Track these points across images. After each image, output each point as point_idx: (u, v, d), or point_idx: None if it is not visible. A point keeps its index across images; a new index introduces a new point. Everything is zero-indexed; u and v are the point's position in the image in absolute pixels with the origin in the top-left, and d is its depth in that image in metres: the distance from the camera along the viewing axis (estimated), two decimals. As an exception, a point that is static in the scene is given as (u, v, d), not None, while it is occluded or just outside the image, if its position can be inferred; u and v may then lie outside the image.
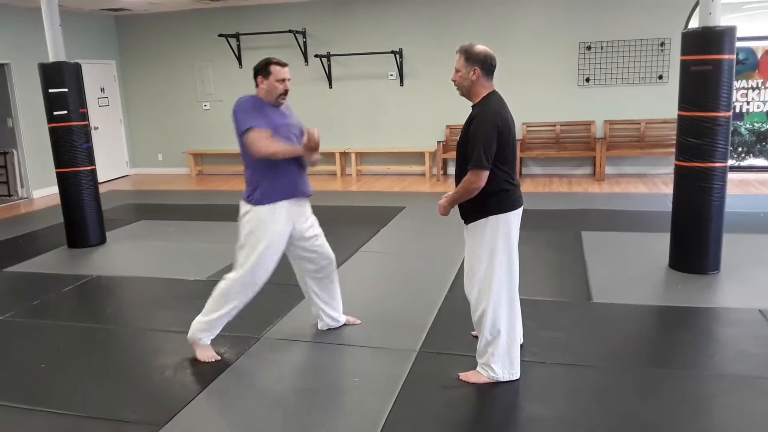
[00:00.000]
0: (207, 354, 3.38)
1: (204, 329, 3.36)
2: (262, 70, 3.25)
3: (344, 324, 3.74)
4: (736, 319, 3.76)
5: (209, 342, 3.41)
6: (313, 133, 3.11)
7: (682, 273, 4.53)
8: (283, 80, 3.23)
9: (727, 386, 3.01)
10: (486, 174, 2.75)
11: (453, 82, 2.92)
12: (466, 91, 2.89)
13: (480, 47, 2.84)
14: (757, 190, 7.51)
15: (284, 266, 5.12)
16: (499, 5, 8.82)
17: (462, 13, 8.95)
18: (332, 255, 3.54)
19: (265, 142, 3.12)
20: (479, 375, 3.05)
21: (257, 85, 3.29)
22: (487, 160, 2.73)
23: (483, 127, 2.75)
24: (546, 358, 3.32)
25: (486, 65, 2.83)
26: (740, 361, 3.24)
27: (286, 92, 3.25)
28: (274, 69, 3.22)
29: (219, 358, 3.38)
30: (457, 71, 2.88)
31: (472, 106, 2.90)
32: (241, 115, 3.19)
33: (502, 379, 2.99)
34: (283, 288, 4.52)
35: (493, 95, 2.89)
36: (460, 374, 3.08)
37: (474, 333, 3.32)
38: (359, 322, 3.79)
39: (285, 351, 3.55)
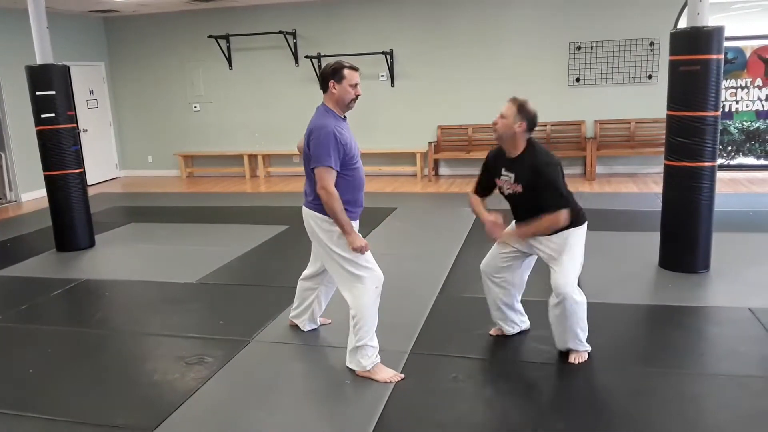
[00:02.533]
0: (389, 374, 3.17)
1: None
2: (335, 74, 3.06)
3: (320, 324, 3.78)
4: (726, 318, 3.78)
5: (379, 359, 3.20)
6: None
7: (672, 272, 4.54)
8: (356, 85, 3.08)
9: (717, 385, 3.02)
10: (568, 211, 3.10)
11: (493, 125, 3.11)
12: (506, 138, 3.10)
13: (533, 107, 3.07)
14: (746, 189, 7.56)
15: (276, 269, 5.12)
16: (490, 6, 8.83)
17: (453, 13, 8.95)
18: None
19: (333, 190, 3.00)
20: (579, 353, 3.26)
21: (327, 90, 3.10)
22: (567, 201, 3.12)
23: (555, 172, 3.07)
24: (536, 357, 3.32)
25: (532, 125, 3.07)
26: (730, 360, 3.25)
27: (357, 97, 3.12)
28: (348, 73, 3.06)
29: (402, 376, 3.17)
30: (503, 117, 3.06)
31: (514, 157, 3.13)
32: (324, 149, 3.00)
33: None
34: (273, 290, 4.51)
35: (533, 140, 3.15)
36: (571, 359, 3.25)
37: (493, 331, 3.56)
38: (330, 321, 3.81)
39: (275, 354, 3.54)
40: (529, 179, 3.07)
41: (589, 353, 3.28)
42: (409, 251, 5.42)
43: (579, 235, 3.26)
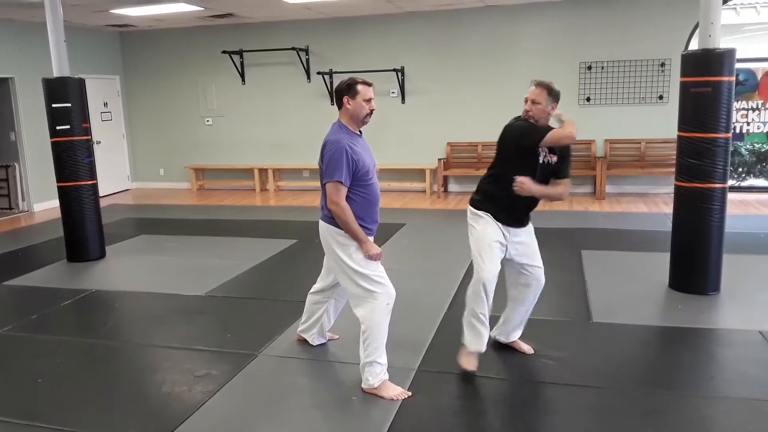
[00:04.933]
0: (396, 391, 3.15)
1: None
2: (350, 89, 3.10)
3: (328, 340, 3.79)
4: (737, 341, 3.75)
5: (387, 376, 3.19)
6: None
7: (682, 293, 4.52)
8: (370, 100, 3.11)
9: (727, 408, 2.99)
10: None
11: (526, 112, 3.25)
12: (541, 122, 3.24)
13: (557, 87, 3.27)
14: (757, 211, 7.51)
15: (284, 282, 5.13)
16: (501, 25, 8.89)
17: (464, 32, 9.02)
18: None
19: (344, 204, 3.02)
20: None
21: (342, 106, 3.14)
22: None
23: None
24: (546, 377, 3.31)
25: (558, 103, 3.26)
26: (740, 384, 3.22)
27: (371, 112, 3.15)
28: (362, 88, 3.10)
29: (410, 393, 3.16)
30: (535, 103, 3.21)
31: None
32: (335, 165, 3.01)
33: None
34: (281, 304, 4.52)
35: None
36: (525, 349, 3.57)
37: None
38: (337, 337, 3.81)
39: (283, 368, 3.53)
40: (562, 149, 3.29)
41: None
42: (417, 267, 5.42)
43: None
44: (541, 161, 3.26)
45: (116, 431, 2.90)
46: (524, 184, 3.17)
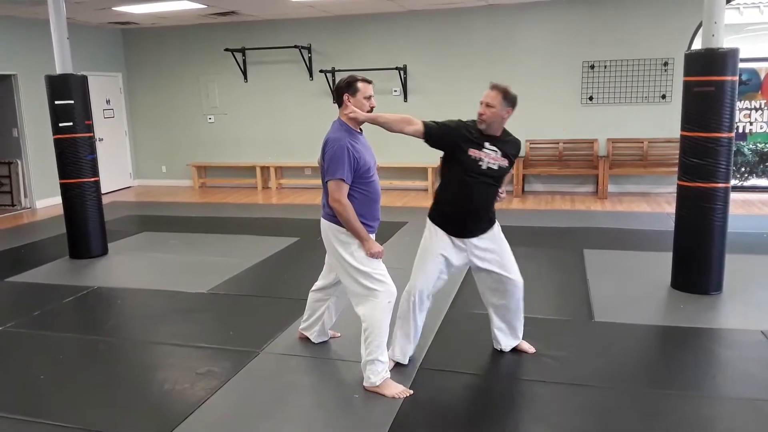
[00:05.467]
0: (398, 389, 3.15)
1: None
2: (350, 87, 3.12)
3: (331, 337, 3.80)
4: (739, 341, 3.74)
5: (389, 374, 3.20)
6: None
7: (684, 293, 4.51)
8: (370, 97, 3.14)
9: (729, 409, 2.99)
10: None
11: (480, 115, 3.15)
12: (494, 125, 3.16)
13: (514, 91, 3.15)
14: (760, 211, 7.50)
15: (286, 280, 5.14)
16: (503, 24, 8.88)
17: (466, 31, 9.01)
18: None
19: (346, 202, 3.03)
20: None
21: (342, 104, 3.15)
22: None
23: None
24: (547, 377, 3.30)
25: (514, 107, 3.17)
26: (743, 384, 3.22)
27: (371, 110, 3.16)
28: (362, 86, 3.13)
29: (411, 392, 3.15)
30: (489, 106, 3.11)
31: (497, 135, 3.22)
32: (336, 162, 3.02)
33: None
34: (283, 302, 4.52)
35: (505, 130, 3.30)
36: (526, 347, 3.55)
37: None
38: (339, 335, 3.82)
39: (285, 365, 3.54)
40: (513, 154, 3.26)
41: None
42: (419, 266, 5.41)
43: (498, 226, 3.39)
44: (484, 168, 3.15)
45: (118, 428, 2.91)
46: (354, 111, 3.09)
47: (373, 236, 3.20)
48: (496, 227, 3.35)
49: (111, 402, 3.17)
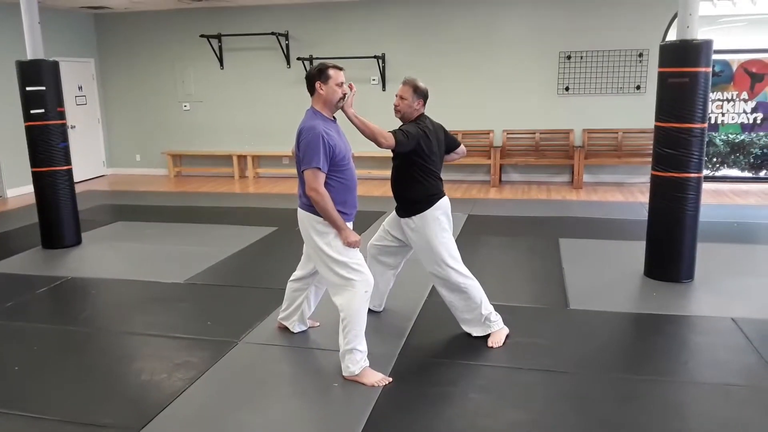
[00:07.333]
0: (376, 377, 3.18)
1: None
2: (321, 74, 3.10)
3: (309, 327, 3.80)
4: (710, 328, 3.84)
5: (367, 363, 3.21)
6: None
7: (656, 281, 4.60)
8: (342, 84, 3.11)
9: (701, 393, 3.06)
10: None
11: (395, 107, 3.48)
12: (408, 116, 3.49)
13: (423, 84, 3.49)
14: (730, 200, 7.66)
15: (264, 270, 5.11)
16: (481, 13, 8.89)
17: (445, 20, 9.01)
18: None
19: (323, 191, 3.03)
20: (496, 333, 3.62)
21: (314, 92, 3.14)
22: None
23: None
24: (523, 364, 3.35)
25: (426, 99, 3.52)
26: (713, 369, 3.31)
27: (344, 96, 3.15)
28: (333, 73, 3.10)
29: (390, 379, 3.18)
30: (402, 98, 3.46)
31: (408, 123, 3.50)
32: (312, 151, 3.01)
33: None
34: (261, 291, 4.51)
35: (425, 115, 3.57)
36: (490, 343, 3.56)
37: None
38: (318, 324, 3.83)
39: (263, 355, 3.53)
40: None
41: (507, 335, 3.62)
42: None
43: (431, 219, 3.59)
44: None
45: (94, 419, 2.88)
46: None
47: (350, 225, 3.20)
48: (421, 225, 3.51)
49: (87, 393, 3.13)
